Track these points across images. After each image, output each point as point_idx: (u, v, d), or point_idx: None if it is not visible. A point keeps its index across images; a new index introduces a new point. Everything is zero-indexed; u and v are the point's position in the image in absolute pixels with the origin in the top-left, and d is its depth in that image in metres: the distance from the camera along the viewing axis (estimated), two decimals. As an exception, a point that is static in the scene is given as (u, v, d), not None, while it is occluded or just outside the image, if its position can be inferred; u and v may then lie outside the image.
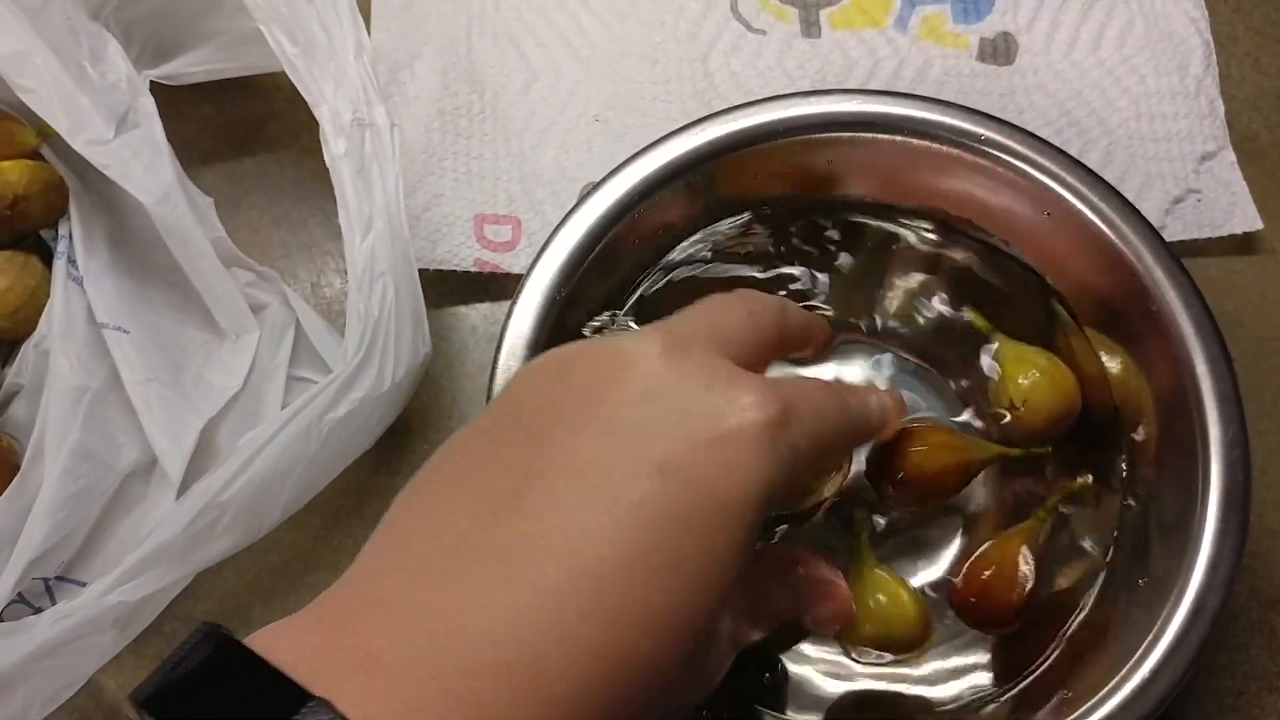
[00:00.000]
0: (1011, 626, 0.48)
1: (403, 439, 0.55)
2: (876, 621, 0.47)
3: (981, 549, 0.49)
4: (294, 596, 0.54)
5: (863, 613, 0.46)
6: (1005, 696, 0.47)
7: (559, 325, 0.49)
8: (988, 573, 0.48)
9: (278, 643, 0.29)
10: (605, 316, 0.40)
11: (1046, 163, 0.49)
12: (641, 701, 0.31)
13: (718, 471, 0.32)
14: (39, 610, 0.49)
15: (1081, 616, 0.48)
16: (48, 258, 0.56)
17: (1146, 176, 0.58)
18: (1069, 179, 0.49)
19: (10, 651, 0.45)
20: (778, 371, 0.49)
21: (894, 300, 0.53)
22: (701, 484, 0.31)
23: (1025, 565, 0.47)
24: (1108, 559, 0.48)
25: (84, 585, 0.50)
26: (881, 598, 0.47)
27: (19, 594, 0.50)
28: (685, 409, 0.32)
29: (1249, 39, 0.62)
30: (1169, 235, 0.56)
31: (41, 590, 0.51)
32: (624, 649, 0.30)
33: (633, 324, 0.37)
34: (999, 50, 0.61)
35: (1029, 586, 0.47)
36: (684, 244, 0.53)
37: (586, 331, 0.40)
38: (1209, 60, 0.60)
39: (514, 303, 0.49)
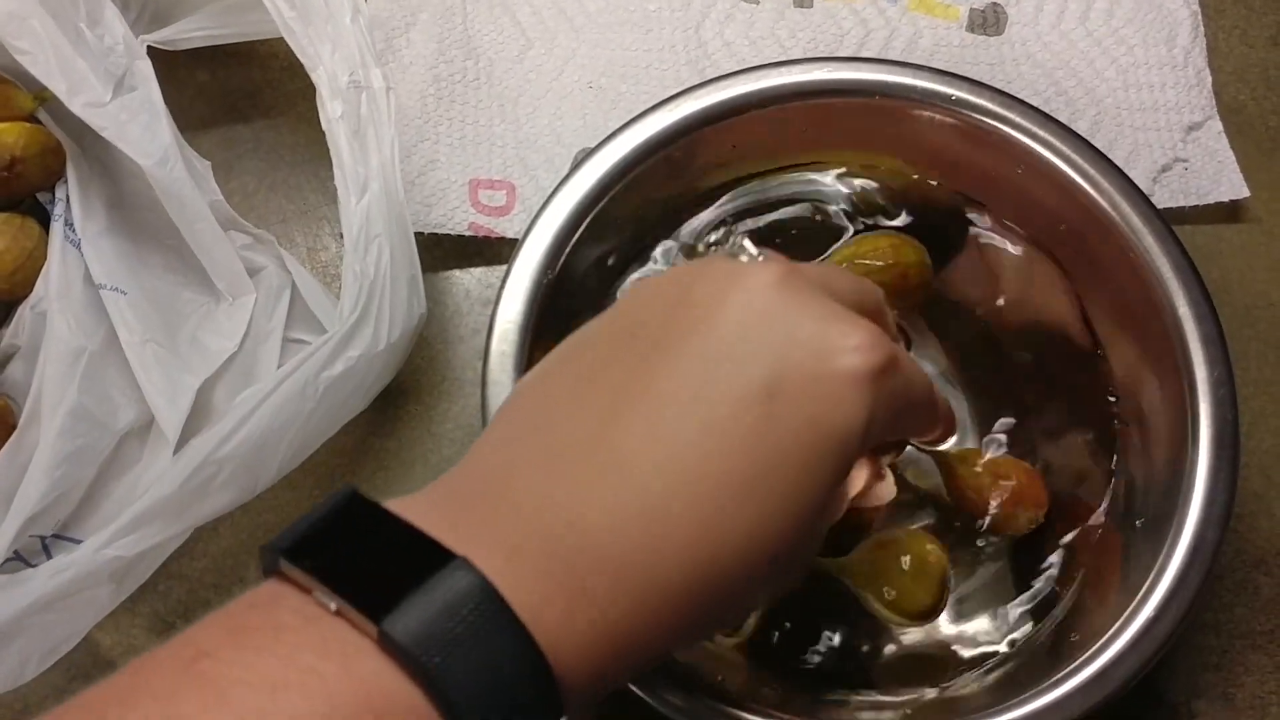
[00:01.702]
0: (1045, 505, 0.48)
1: (398, 401, 0.56)
2: (901, 584, 0.47)
3: (977, 465, 0.49)
4: (289, 556, 0.54)
5: (888, 576, 0.47)
6: (1019, 643, 0.48)
7: (553, 292, 0.49)
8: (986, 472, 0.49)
9: (410, 512, 0.30)
10: (721, 232, 0.40)
11: (1017, 118, 0.50)
12: (730, 601, 0.33)
13: (825, 404, 0.33)
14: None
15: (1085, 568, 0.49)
16: (45, 221, 0.56)
17: (1134, 146, 0.59)
18: (1041, 133, 0.50)
19: (7, 604, 0.45)
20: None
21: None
22: (808, 414, 0.33)
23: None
24: (1105, 504, 0.49)
25: (80, 543, 0.50)
26: (908, 559, 0.47)
27: (15, 552, 0.50)
28: (798, 339, 0.33)
29: (1236, 11, 0.63)
30: (1156, 203, 0.56)
31: (38, 548, 0.51)
32: (728, 562, 0.32)
33: (748, 243, 0.38)
34: (988, 21, 0.62)
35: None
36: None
37: (701, 246, 0.41)
38: (1196, 32, 0.61)
39: (510, 268, 0.50)
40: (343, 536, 0.30)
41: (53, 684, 0.52)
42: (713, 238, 0.40)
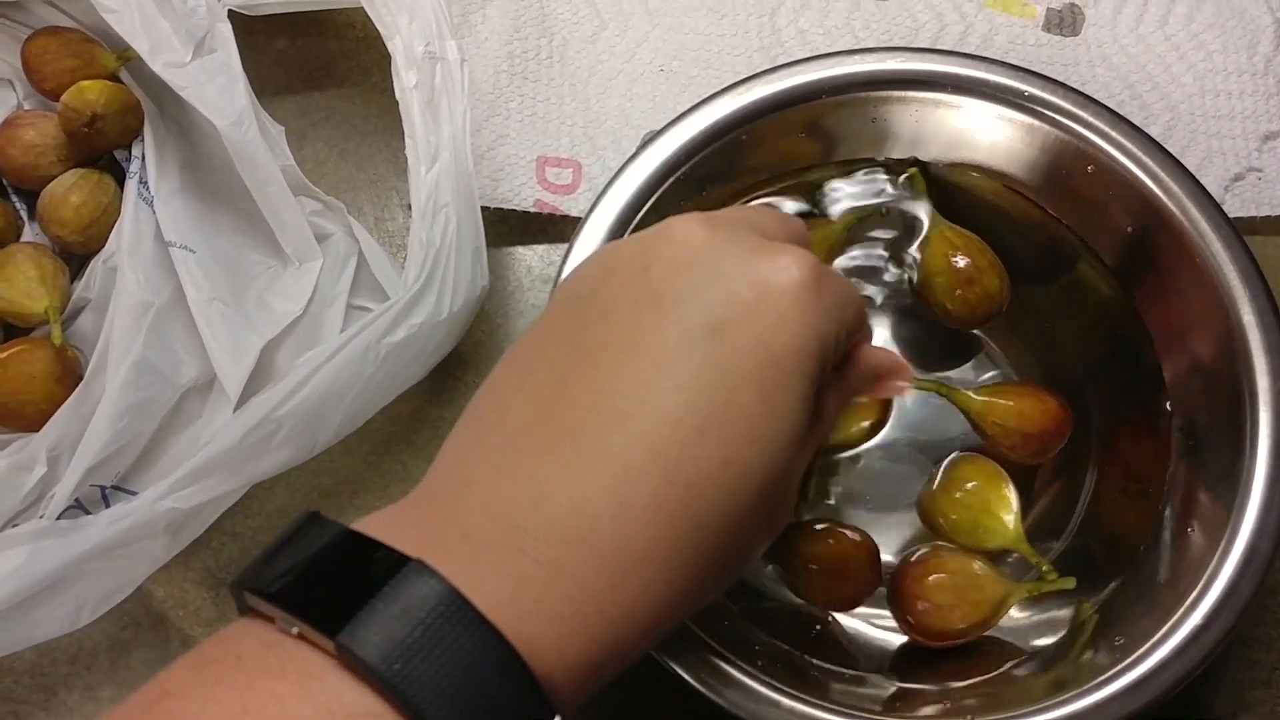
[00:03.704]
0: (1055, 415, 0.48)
1: (456, 372, 0.56)
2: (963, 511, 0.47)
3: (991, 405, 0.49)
4: (342, 518, 0.53)
5: (948, 504, 0.47)
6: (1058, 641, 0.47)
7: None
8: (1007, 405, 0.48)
9: (371, 526, 0.30)
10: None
11: (1090, 117, 0.50)
12: (721, 551, 0.32)
13: (768, 327, 0.33)
14: (95, 518, 0.50)
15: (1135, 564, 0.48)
16: (120, 178, 0.57)
17: (1207, 153, 0.58)
18: (1114, 134, 0.49)
19: (66, 550, 0.46)
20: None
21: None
22: (754, 341, 0.32)
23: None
24: (1161, 506, 0.48)
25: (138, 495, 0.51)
26: (971, 485, 0.47)
27: (76, 499, 0.51)
28: (729, 273, 0.33)
29: (1319, 22, 0.62)
30: (1227, 212, 0.56)
31: (98, 498, 0.52)
32: (705, 507, 0.31)
33: None
34: (1065, 21, 0.61)
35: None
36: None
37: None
38: (1279, 40, 0.60)
39: (571, 245, 0.50)
40: (301, 559, 0.29)
41: (106, 632, 0.53)
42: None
